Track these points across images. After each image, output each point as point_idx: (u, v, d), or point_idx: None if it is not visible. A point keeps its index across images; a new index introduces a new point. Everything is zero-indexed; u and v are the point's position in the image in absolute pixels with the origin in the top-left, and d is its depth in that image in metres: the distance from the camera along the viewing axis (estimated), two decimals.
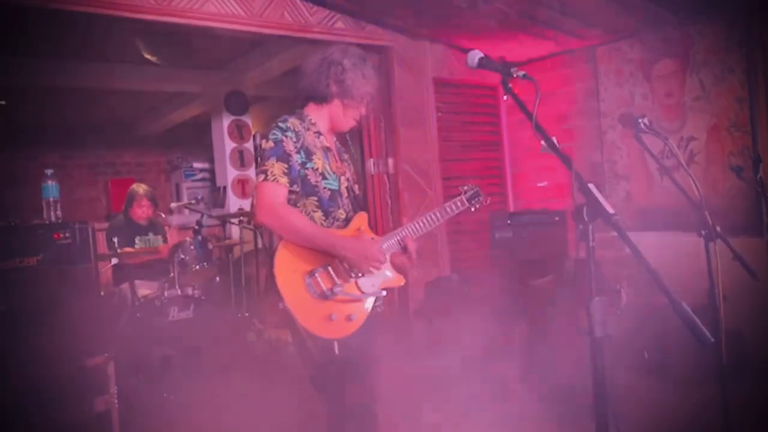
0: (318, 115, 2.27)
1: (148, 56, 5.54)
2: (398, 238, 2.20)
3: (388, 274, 2.19)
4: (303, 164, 2.14)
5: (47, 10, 3.21)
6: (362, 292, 2.11)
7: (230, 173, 7.37)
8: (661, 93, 4.31)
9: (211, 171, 8.63)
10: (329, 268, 2.08)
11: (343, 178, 2.26)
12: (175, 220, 6.53)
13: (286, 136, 2.12)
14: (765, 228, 3.34)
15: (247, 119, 7.52)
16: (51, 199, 2.82)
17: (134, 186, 4.90)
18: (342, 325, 2.05)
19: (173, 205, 5.03)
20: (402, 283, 2.24)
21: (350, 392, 2.14)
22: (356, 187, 2.38)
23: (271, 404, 3.98)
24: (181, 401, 3.90)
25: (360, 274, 2.11)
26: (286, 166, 2.08)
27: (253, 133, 7.74)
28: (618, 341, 4.00)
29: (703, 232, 2.34)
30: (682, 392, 3.78)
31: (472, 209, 2.33)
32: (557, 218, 4.37)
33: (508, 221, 4.62)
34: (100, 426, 2.73)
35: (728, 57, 3.95)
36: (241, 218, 5.17)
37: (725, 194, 4.02)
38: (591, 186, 1.53)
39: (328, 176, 2.19)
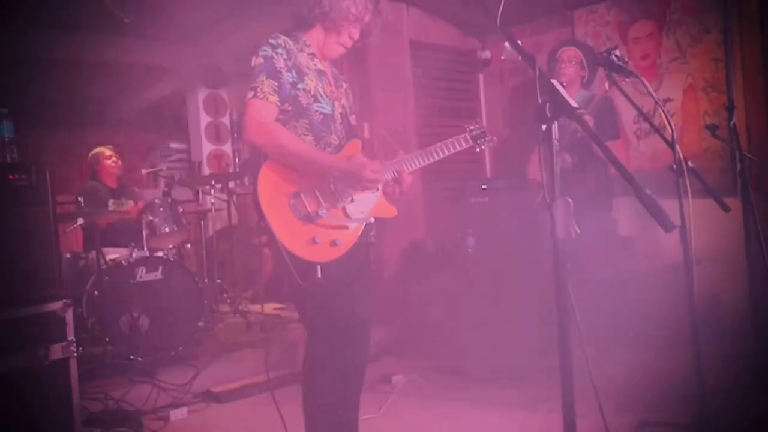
0: (310, 38, 2.16)
1: (117, 13, 5.37)
2: (395, 168, 2.12)
3: (378, 202, 2.11)
4: (294, 84, 2.03)
5: None
6: (349, 218, 2.03)
7: (205, 148, 7.25)
8: (638, 55, 4.29)
9: (189, 151, 8.50)
10: (315, 191, 2.00)
11: (337, 103, 2.16)
12: (147, 195, 6.40)
13: (276, 53, 2.01)
14: (738, 173, 3.29)
15: (224, 94, 7.40)
16: (6, 138, 2.70)
17: (96, 149, 4.79)
18: (325, 250, 1.97)
19: (144, 171, 4.90)
20: (393, 215, 2.15)
21: (330, 317, 2.06)
22: (353, 117, 2.28)
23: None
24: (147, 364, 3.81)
25: (349, 199, 2.02)
26: (276, 84, 1.99)
27: (229, 108, 7.62)
28: (596, 312, 4.01)
29: (673, 166, 2.30)
30: (659, 353, 3.77)
31: (477, 149, 2.28)
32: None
33: (484, 186, 4.57)
34: (57, 374, 2.62)
35: (705, 17, 3.93)
36: (213, 182, 5.06)
37: (701, 155, 4.01)
38: (554, 82, 1.48)
39: (320, 99, 2.09)
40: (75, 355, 2.71)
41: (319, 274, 1.94)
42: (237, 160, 7.87)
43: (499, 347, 4.02)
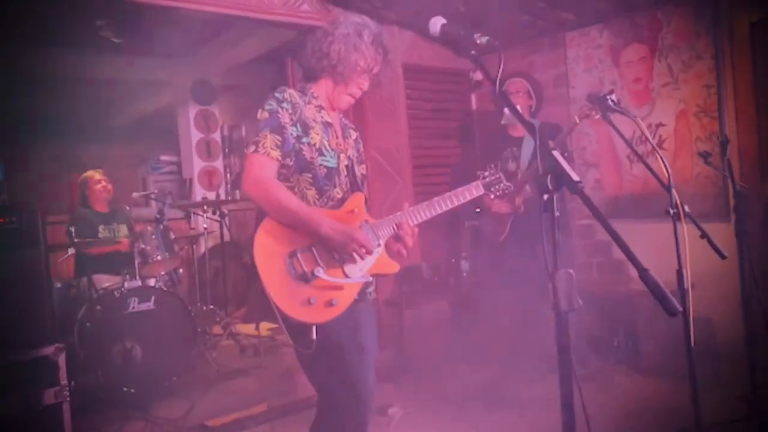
0: (318, 89, 2.14)
1: (110, 37, 5.34)
2: (395, 223, 2.07)
3: (380, 259, 2.04)
4: (298, 138, 2.01)
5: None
6: (347, 277, 1.97)
7: (196, 164, 7.19)
8: (630, 78, 4.30)
9: (179, 164, 8.45)
10: (313, 249, 1.95)
11: (343, 155, 2.13)
12: (140, 213, 6.35)
13: (281, 107, 2.00)
14: (733, 208, 3.32)
15: (214, 109, 7.35)
16: None
17: (84, 174, 4.73)
18: (320, 310, 1.91)
19: (135, 194, 4.85)
20: (395, 271, 2.09)
21: (329, 379, 2.03)
22: (362, 167, 2.24)
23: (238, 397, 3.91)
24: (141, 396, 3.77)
25: (346, 262, 1.97)
26: (280, 138, 1.96)
27: (220, 123, 7.58)
28: (588, 329, 4.03)
29: (671, 211, 2.30)
30: (652, 378, 3.79)
31: (492, 197, 2.20)
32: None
33: (478, 210, 4.56)
34: (50, 418, 2.59)
35: (696, 43, 3.94)
36: (206, 207, 5.02)
37: (693, 180, 4.03)
38: (555, 153, 1.46)
39: (325, 153, 2.05)
40: (68, 399, 2.68)
41: (314, 336, 1.89)
42: (228, 176, 7.83)
43: (495, 374, 4.03)
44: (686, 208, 2.33)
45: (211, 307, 5.06)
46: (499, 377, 4.00)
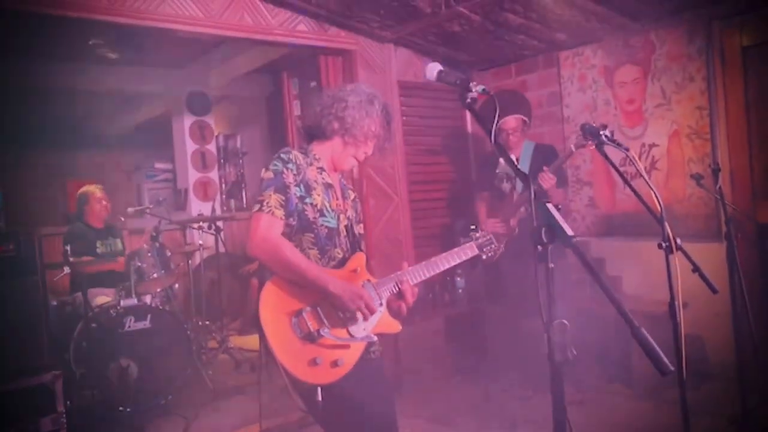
0: (321, 151, 2.19)
1: (106, 53, 5.35)
2: (395, 282, 2.11)
3: (382, 318, 2.08)
4: (301, 198, 2.06)
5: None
6: (351, 336, 2.00)
7: (192, 175, 7.20)
8: (624, 99, 4.34)
9: (174, 172, 8.44)
10: (318, 309, 1.98)
11: (342, 216, 2.18)
12: (133, 223, 6.34)
13: (287, 168, 2.05)
14: (724, 235, 3.38)
15: (210, 120, 7.36)
16: None
17: (85, 188, 4.73)
18: (326, 371, 1.94)
19: (131, 210, 4.85)
20: (397, 330, 2.14)
21: None
22: (359, 227, 2.29)
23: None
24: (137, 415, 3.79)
25: (350, 320, 2.01)
26: (284, 198, 2.01)
27: (216, 134, 7.59)
28: (580, 347, 4.06)
29: (663, 244, 2.33)
30: (643, 398, 3.82)
31: (484, 257, 2.26)
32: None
33: (473, 226, 4.59)
34: None
35: (689, 65, 3.98)
36: (201, 224, 5.04)
37: (685, 200, 4.07)
38: (550, 206, 1.49)
39: (326, 213, 2.11)
40: (65, 426, 2.69)
41: (320, 397, 1.91)
42: (223, 186, 7.84)
43: (488, 391, 4.07)
44: (678, 241, 2.36)
45: (207, 323, 5.07)
46: (492, 394, 4.04)
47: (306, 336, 1.94)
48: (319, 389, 1.92)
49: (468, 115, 5.26)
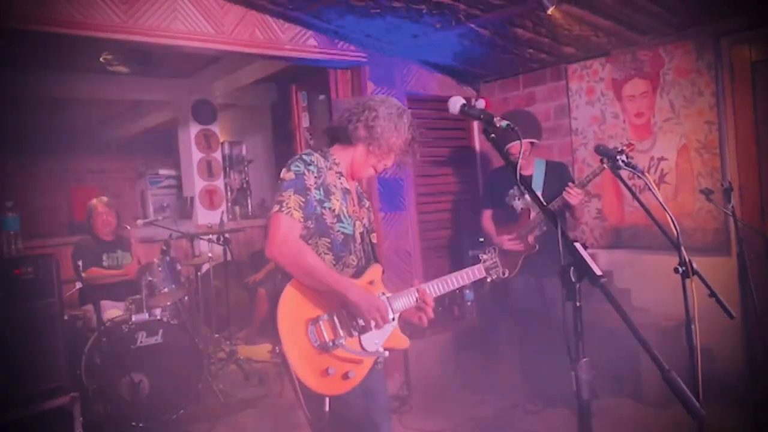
0: (342, 156, 2.19)
1: (117, 68, 5.38)
2: (410, 296, 2.13)
3: (393, 333, 2.10)
4: (320, 202, 2.06)
5: (11, 30, 3.07)
6: (364, 349, 2.02)
7: (198, 183, 7.21)
8: (632, 112, 4.35)
9: (178, 178, 8.46)
10: (334, 318, 2.00)
11: (359, 223, 2.18)
12: (141, 232, 6.36)
13: (308, 170, 2.05)
14: (735, 252, 3.40)
15: (215, 128, 7.37)
16: (11, 233, 2.69)
17: (92, 201, 4.76)
18: (337, 382, 1.96)
19: (140, 222, 4.87)
20: (407, 346, 2.16)
21: None
22: (373, 235, 2.30)
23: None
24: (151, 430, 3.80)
25: (363, 329, 2.03)
26: (303, 199, 2.00)
27: (221, 141, 7.60)
28: (590, 360, 4.08)
29: (680, 269, 2.34)
30: (654, 409, 3.84)
31: (488, 279, 2.28)
32: None
33: (481, 239, 4.61)
34: None
35: (698, 79, 4.00)
36: (210, 236, 5.05)
37: (694, 214, 4.08)
38: (577, 245, 1.51)
39: (343, 219, 2.11)
40: None
41: (327, 408, 1.93)
42: (229, 193, 7.85)
43: (498, 406, 4.08)
44: (694, 265, 2.37)
45: (216, 335, 5.08)
46: (500, 408, 4.05)
47: (321, 345, 1.96)
48: (327, 400, 1.94)
49: (475, 128, 5.28)
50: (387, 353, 2.07)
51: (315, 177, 2.05)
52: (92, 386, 3.85)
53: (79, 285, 4.27)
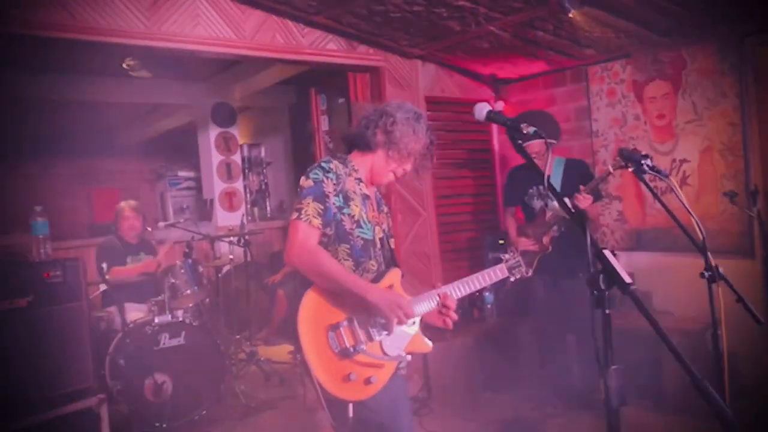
0: (361, 162, 2.20)
1: (139, 73, 5.45)
2: (431, 300, 2.13)
3: (415, 337, 2.11)
4: (340, 208, 2.07)
5: (35, 36, 3.12)
6: (385, 354, 2.03)
7: (217, 186, 7.27)
8: (653, 114, 4.32)
9: (197, 179, 8.53)
10: (355, 323, 2.00)
11: (378, 228, 2.19)
12: (162, 234, 6.43)
13: (327, 177, 2.06)
14: (758, 252, 3.37)
15: (235, 131, 7.43)
16: (40, 237, 2.74)
17: (121, 203, 4.84)
18: (359, 388, 1.97)
19: (161, 224, 4.94)
20: (429, 350, 2.16)
21: None
22: (392, 240, 2.31)
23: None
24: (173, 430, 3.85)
25: (385, 333, 2.03)
26: (322, 207, 2.02)
27: (240, 143, 7.66)
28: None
29: (706, 274, 2.33)
30: (674, 415, 3.81)
31: (511, 279, 2.27)
32: None
33: (501, 241, 4.61)
34: None
35: (721, 81, 3.96)
36: (231, 238, 5.10)
37: (718, 217, 4.04)
38: (607, 252, 1.51)
39: (363, 225, 2.12)
40: None
41: (351, 414, 1.94)
42: (248, 195, 7.91)
43: (518, 408, 4.07)
44: (720, 269, 2.36)
45: (237, 337, 5.13)
46: (522, 412, 4.04)
47: (342, 351, 1.97)
48: (351, 405, 1.95)
49: (495, 129, 5.28)
50: (409, 357, 2.08)
51: (334, 184, 2.07)
52: (116, 387, 3.90)
53: (103, 287, 4.33)
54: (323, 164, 2.11)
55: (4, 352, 2.52)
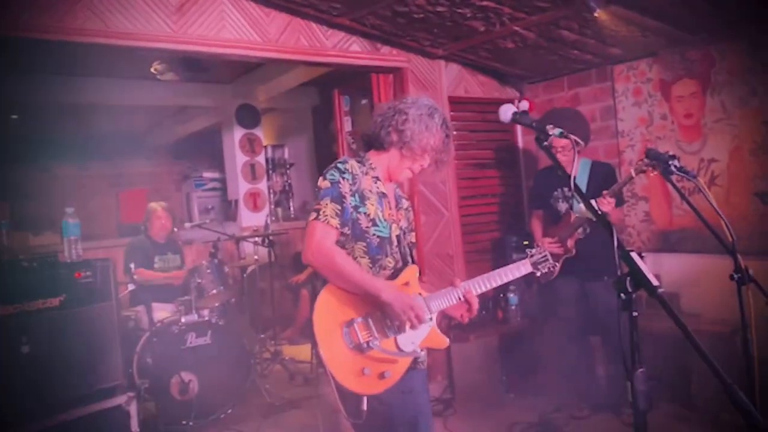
0: (378, 161, 2.23)
1: (166, 78, 5.54)
2: (449, 296, 2.14)
3: (431, 333, 2.12)
4: (356, 208, 2.10)
5: (70, 43, 3.20)
6: (400, 350, 2.05)
7: (242, 187, 7.35)
8: (681, 113, 4.25)
9: (222, 180, 8.63)
10: (369, 320, 2.04)
11: (395, 226, 2.21)
12: (188, 234, 6.52)
13: (343, 178, 2.09)
14: None
15: (259, 132, 7.50)
16: (72, 238, 2.80)
17: (152, 204, 4.95)
18: (373, 382, 2.00)
19: (188, 225, 5.02)
20: (445, 346, 2.18)
21: None
22: (411, 235, 2.33)
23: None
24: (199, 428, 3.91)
25: (399, 330, 2.05)
26: (340, 207, 2.05)
27: (264, 145, 7.73)
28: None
29: (735, 276, 2.29)
30: (702, 419, 3.75)
31: (538, 274, 2.26)
32: None
33: (525, 242, 4.58)
34: None
35: (752, 79, 3.88)
36: (256, 238, 5.16)
37: (749, 217, 3.96)
38: (634, 255, 1.50)
39: (379, 223, 2.14)
40: None
41: (365, 407, 1.96)
42: (271, 196, 7.98)
43: (543, 411, 4.05)
44: (750, 271, 2.32)
45: (262, 336, 5.18)
46: (546, 413, 4.01)
47: (356, 347, 2.00)
48: (365, 399, 1.97)
49: (519, 129, 5.25)
50: (424, 353, 2.11)
51: (350, 184, 2.10)
52: (143, 385, 3.97)
53: (131, 286, 4.41)
54: (339, 165, 2.14)
55: (37, 350, 2.59)
